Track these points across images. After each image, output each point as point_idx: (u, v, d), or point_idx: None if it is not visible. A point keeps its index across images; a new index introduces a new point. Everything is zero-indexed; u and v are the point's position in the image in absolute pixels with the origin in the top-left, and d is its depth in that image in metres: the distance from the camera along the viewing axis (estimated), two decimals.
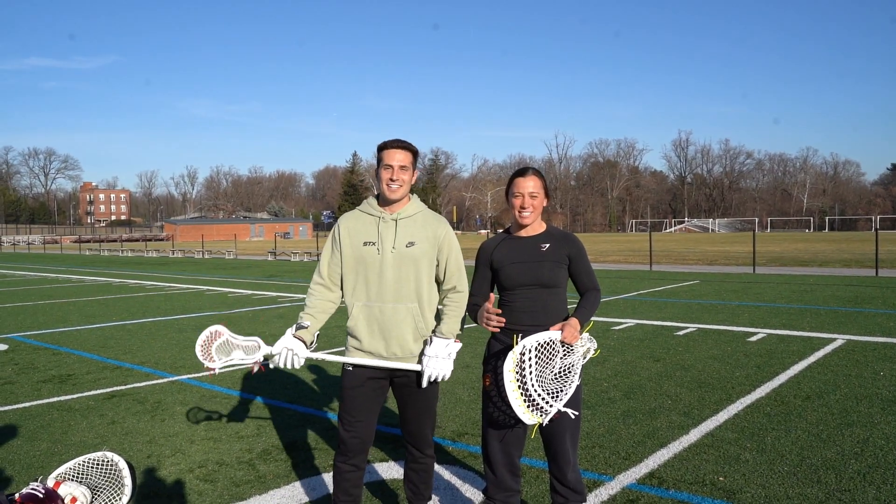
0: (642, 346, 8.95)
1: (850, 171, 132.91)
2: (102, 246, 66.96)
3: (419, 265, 3.30)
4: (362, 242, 3.32)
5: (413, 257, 3.28)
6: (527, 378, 3.02)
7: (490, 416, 3.36)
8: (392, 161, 3.27)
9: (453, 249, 3.38)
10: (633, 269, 24.83)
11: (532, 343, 3.07)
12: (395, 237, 3.29)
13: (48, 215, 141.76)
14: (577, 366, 3.14)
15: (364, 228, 3.35)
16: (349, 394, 3.35)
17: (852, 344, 8.77)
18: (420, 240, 3.31)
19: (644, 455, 4.77)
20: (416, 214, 3.37)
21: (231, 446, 5.13)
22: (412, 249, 3.29)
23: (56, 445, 5.22)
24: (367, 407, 3.36)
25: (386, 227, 3.31)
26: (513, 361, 3.03)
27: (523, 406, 3.00)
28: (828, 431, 5.18)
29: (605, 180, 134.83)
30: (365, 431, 3.35)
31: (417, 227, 3.33)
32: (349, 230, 3.37)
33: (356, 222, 3.39)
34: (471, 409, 6.02)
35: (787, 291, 15.66)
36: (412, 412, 3.43)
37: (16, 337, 10.71)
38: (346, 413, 3.35)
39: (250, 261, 37.53)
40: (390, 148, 3.30)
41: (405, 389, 3.40)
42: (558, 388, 3.08)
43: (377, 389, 3.38)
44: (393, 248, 3.28)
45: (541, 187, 3.34)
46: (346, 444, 3.33)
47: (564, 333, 3.10)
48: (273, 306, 14.52)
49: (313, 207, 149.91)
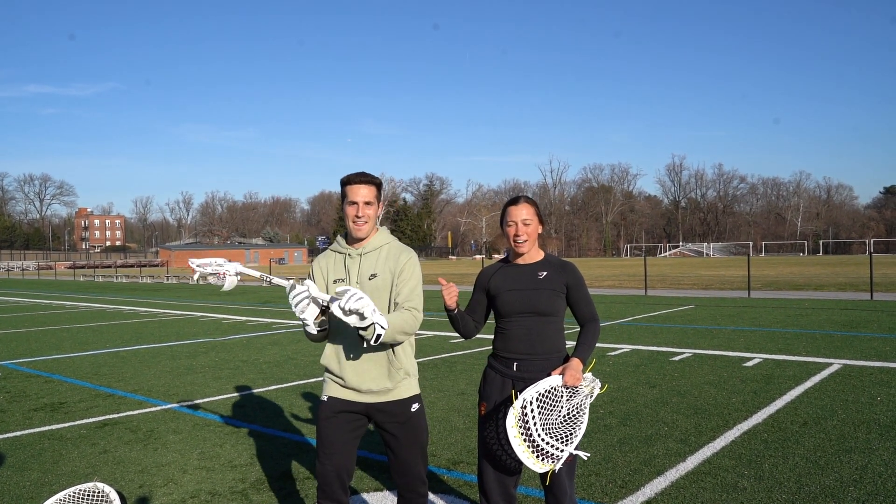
0: (638, 371, 8.92)
1: (843, 194, 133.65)
2: (97, 272, 66.75)
3: (381, 297, 3.26)
4: (333, 280, 3.35)
5: (376, 289, 3.25)
6: (531, 430, 2.98)
7: (486, 446, 3.33)
8: (356, 197, 3.25)
9: (413, 275, 3.26)
10: (628, 294, 24.82)
11: (532, 395, 3.03)
12: (358, 271, 3.29)
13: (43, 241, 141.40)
14: (584, 406, 3.11)
15: (334, 266, 3.38)
16: (322, 425, 3.32)
17: (848, 369, 8.76)
18: (382, 271, 3.28)
19: (641, 483, 4.73)
20: (381, 247, 3.34)
21: (224, 476, 5.07)
22: (375, 281, 3.26)
23: (47, 475, 5.15)
24: (339, 439, 3.27)
25: (352, 262, 3.32)
26: (514, 417, 2.99)
27: (532, 458, 2.97)
28: (826, 458, 5.15)
29: (600, 205, 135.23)
30: (340, 463, 3.25)
31: (381, 260, 3.31)
32: (322, 269, 3.42)
33: (327, 261, 3.43)
34: (466, 437, 5.97)
35: (782, 316, 15.66)
36: (401, 451, 3.31)
37: (8, 364, 10.62)
38: (322, 445, 3.30)
39: (245, 287, 37.42)
40: (354, 183, 3.25)
41: (386, 426, 3.30)
42: (568, 432, 3.05)
43: (350, 422, 3.30)
44: (357, 281, 3.28)
45: (534, 214, 3.35)
46: (324, 478, 3.26)
47: (566, 378, 3.08)
48: (267, 333, 14.46)
49: (308, 233, 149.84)
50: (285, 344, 12.45)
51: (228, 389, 8.28)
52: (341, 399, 3.30)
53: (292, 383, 8.60)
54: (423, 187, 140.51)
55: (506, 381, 3.33)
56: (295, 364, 10.11)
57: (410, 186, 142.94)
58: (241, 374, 9.32)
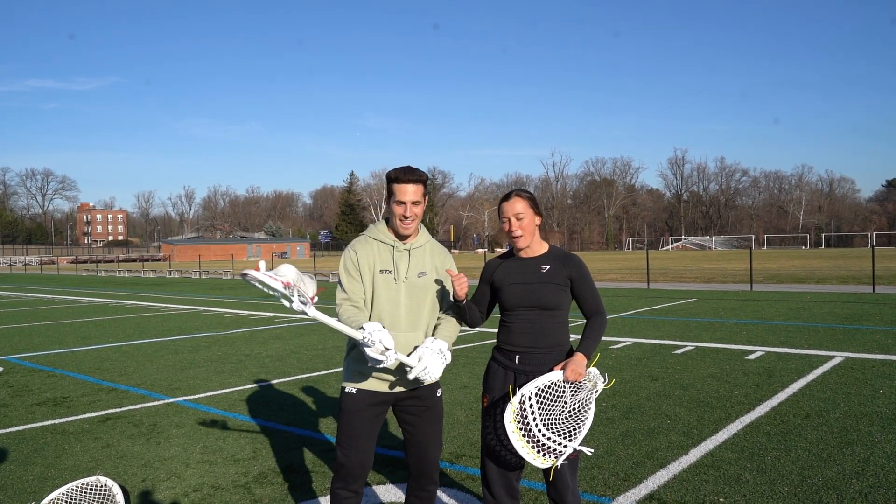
0: (640, 365, 8.91)
1: (845, 187, 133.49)
2: (99, 266, 66.86)
3: (427, 295, 3.33)
4: (379, 270, 3.29)
5: (424, 287, 3.31)
6: (531, 425, 2.97)
7: (488, 439, 3.33)
8: (405, 197, 3.22)
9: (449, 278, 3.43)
10: (631, 288, 24.81)
11: (530, 390, 3.03)
12: (408, 266, 3.30)
13: (45, 236, 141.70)
14: (589, 401, 3.11)
15: (379, 256, 3.31)
16: (349, 418, 3.29)
17: (851, 361, 8.75)
18: (429, 270, 3.35)
19: (643, 476, 4.73)
20: (425, 245, 3.40)
21: (227, 470, 5.08)
22: (423, 279, 3.32)
23: (50, 470, 5.16)
24: (366, 432, 3.30)
25: (400, 257, 3.31)
26: (511, 413, 3.00)
27: (533, 453, 2.96)
28: (828, 451, 5.15)
29: (602, 198, 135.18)
30: (364, 456, 3.30)
31: (427, 258, 3.36)
32: (366, 257, 3.31)
33: (370, 249, 3.33)
34: (468, 430, 5.97)
35: (784, 309, 15.65)
36: (417, 437, 3.38)
37: (11, 359, 10.64)
38: (346, 437, 3.29)
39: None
40: (402, 182, 3.22)
41: (408, 412, 3.36)
42: (572, 427, 3.04)
43: (377, 415, 3.33)
44: (405, 277, 3.28)
45: (527, 207, 3.31)
46: (346, 470, 3.28)
47: (566, 373, 3.07)
48: (270, 327, 14.47)
49: (310, 227, 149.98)
50: (288, 338, 12.46)
51: (231, 384, 8.29)
52: (371, 391, 3.29)
53: (295, 377, 8.60)
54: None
55: (508, 373, 3.33)
56: (297, 358, 10.12)
57: None
58: (244, 369, 9.33)
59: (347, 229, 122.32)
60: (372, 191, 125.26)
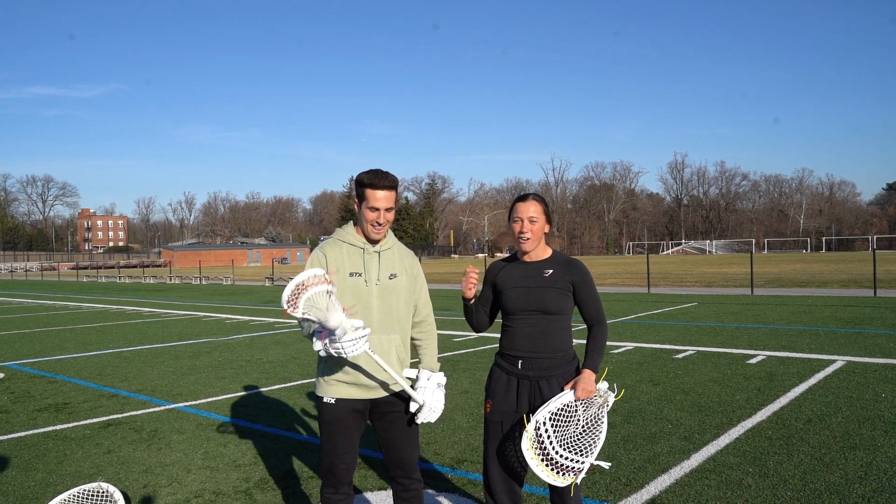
0: (641, 369, 8.91)
1: (845, 191, 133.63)
2: (100, 272, 66.83)
3: (400, 297, 3.33)
4: (348, 273, 3.26)
5: (395, 289, 3.31)
6: (548, 449, 2.99)
7: (491, 444, 3.33)
8: (378, 204, 3.20)
9: (424, 282, 3.52)
10: (631, 292, 24.80)
11: (544, 416, 3.03)
12: (378, 269, 3.29)
13: (46, 242, 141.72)
14: (601, 416, 3.11)
15: (348, 259, 3.28)
16: (336, 427, 3.28)
17: (852, 365, 8.74)
18: (399, 272, 3.35)
19: (645, 481, 4.72)
20: (393, 247, 3.40)
21: (228, 475, 5.07)
22: (395, 281, 3.31)
23: (51, 476, 5.16)
24: (352, 437, 3.30)
25: (370, 259, 3.29)
26: (528, 440, 3.00)
27: (553, 474, 2.99)
28: (830, 455, 5.14)
29: (602, 203, 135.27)
30: (352, 460, 3.32)
31: (396, 260, 3.37)
32: (334, 259, 3.27)
33: (340, 252, 3.30)
34: (470, 435, 5.97)
35: (785, 313, 15.64)
36: (397, 440, 3.37)
37: (12, 365, 10.64)
38: (333, 445, 3.29)
39: (248, 286, 37.46)
40: (376, 188, 3.19)
41: (385, 417, 3.35)
42: (587, 443, 3.05)
43: (359, 422, 3.33)
44: (378, 280, 3.27)
45: (541, 212, 3.33)
46: (336, 475, 3.28)
47: (577, 392, 3.09)
48: (270, 332, 14.46)
49: (310, 232, 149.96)
50: (288, 343, 12.46)
51: (232, 389, 8.29)
52: (348, 399, 3.28)
53: (295, 382, 8.60)
54: (426, 186, 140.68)
55: (511, 378, 3.32)
56: (298, 363, 10.11)
57: (412, 185, 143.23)
58: (245, 374, 9.32)
59: None
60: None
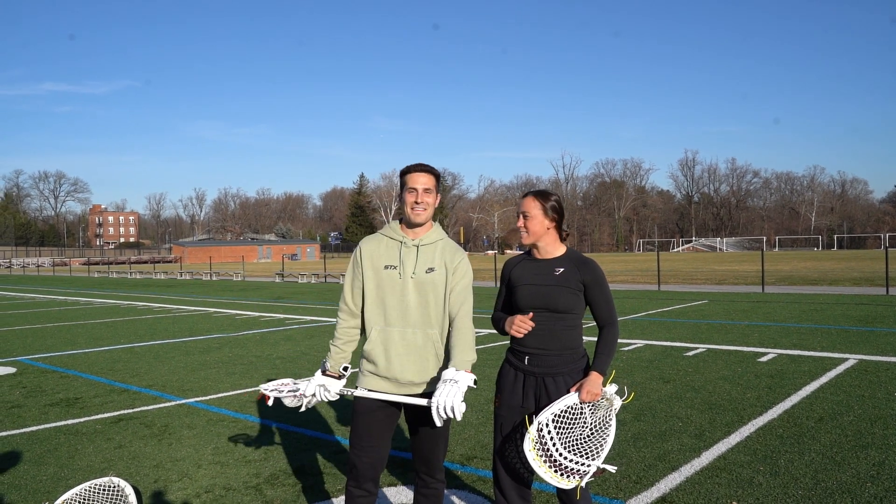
0: (652, 367, 8.88)
1: (857, 188, 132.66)
2: (111, 268, 67.20)
3: (438, 292, 3.28)
4: (383, 266, 3.30)
5: (432, 283, 3.27)
6: (552, 450, 2.97)
7: (501, 442, 3.33)
8: (416, 184, 3.26)
9: (465, 276, 3.32)
10: (641, 289, 24.73)
11: (547, 418, 3.02)
12: (415, 262, 3.28)
13: (58, 238, 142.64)
14: (609, 419, 3.09)
15: (385, 252, 3.33)
16: (361, 419, 3.30)
17: (864, 364, 8.68)
18: (439, 266, 3.30)
19: (655, 479, 4.71)
20: (437, 242, 3.36)
21: (238, 471, 5.09)
22: (432, 275, 3.28)
23: (63, 470, 5.19)
24: (379, 432, 3.30)
25: (407, 252, 3.29)
26: (531, 441, 2.99)
27: (557, 477, 2.96)
28: (842, 454, 5.11)
29: (612, 200, 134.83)
30: (377, 456, 3.30)
31: (437, 254, 3.32)
32: (370, 253, 3.34)
33: (378, 245, 3.36)
34: (480, 432, 5.97)
35: (796, 311, 15.56)
36: (425, 437, 3.36)
37: (24, 360, 10.71)
38: (358, 438, 3.29)
39: (258, 283, 37.58)
40: (413, 171, 3.29)
41: (418, 414, 3.35)
42: (594, 446, 3.03)
43: (390, 414, 3.33)
44: (413, 273, 3.26)
45: (537, 208, 3.31)
46: (358, 470, 3.28)
47: (582, 394, 3.07)
48: (281, 328, 14.50)
49: (321, 229, 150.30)
50: (299, 339, 12.49)
51: (242, 385, 8.32)
52: (381, 392, 3.28)
53: (306, 378, 8.60)
54: None
55: (518, 374, 3.33)
56: (308, 360, 10.14)
57: None
58: (255, 370, 9.35)
59: (357, 231, 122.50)
60: (381, 192, 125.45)
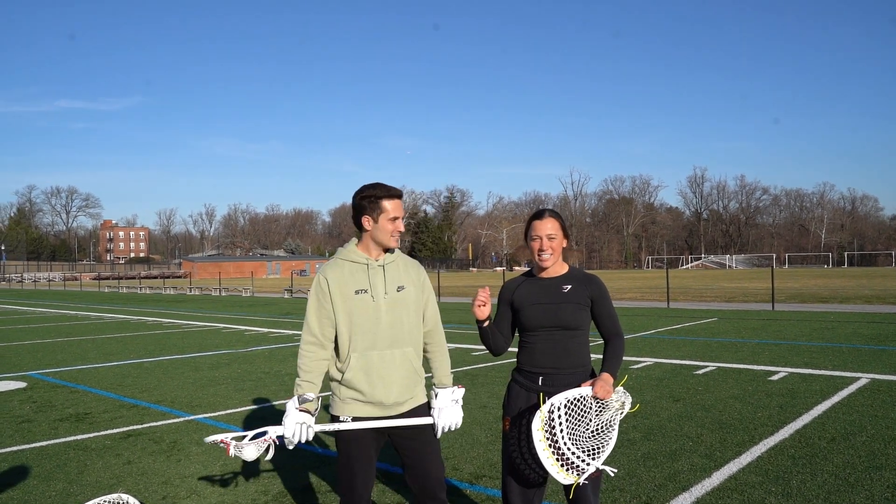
0: (661, 385, 8.83)
1: (868, 205, 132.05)
2: (121, 283, 67.48)
3: (409, 309, 3.30)
4: (353, 291, 3.23)
5: (404, 301, 3.28)
6: (557, 436, 2.95)
7: (510, 461, 3.30)
8: (398, 213, 3.28)
9: (432, 292, 3.47)
10: (650, 307, 24.64)
11: (560, 400, 3.00)
12: (384, 283, 3.27)
13: (69, 252, 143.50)
14: (614, 422, 3.08)
15: (351, 277, 3.26)
16: (347, 447, 3.24)
17: (877, 383, 8.61)
18: (406, 283, 3.32)
19: (665, 499, 4.67)
20: (397, 259, 3.38)
21: (247, 488, 5.08)
22: (403, 293, 3.29)
23: (72, 486, 5.19)
24: (367, 458, 3.26)
25: (375, 274, 3.27)
26: (541, 420, 2.96)
27: (556, 465, 2.93)
28: (856, 475, 5.06)
29: (621, 217, 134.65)
30: (367, 478, 3.26)
31: (401, 272, 3.34)
32: (337, 281, 3.25)
33: (341, 272, 3.27)
34: (488, 450, 5.94)
35: (807, 329, 15.46)
36: (418, 459, 3.29)
37: (34, 374, 10.75)
38: (348, 466, 3.24)
39: (267, 298, 37.64)
40: (393, 198, 3.28)
41: (408, 439, 3.28)
42: (596, 446, 3.01)
43: (377, 441, 3.30)
44: (385, 293, 3.26)
45: (558, 228, 3.33)
46: (353, 492, 3.23)
47: (596, 389, 3.04)
48: (289, 345, 14.51)
49: (329, 245, 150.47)
50: None
51: (251, 401, 8.31)
52: (366, 418, 3.24)
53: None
54: (444, 199, 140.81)
55: (531, 395, 3.30)
56: None
57: (431, 198, 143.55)
58: (264, 386, 9.35)
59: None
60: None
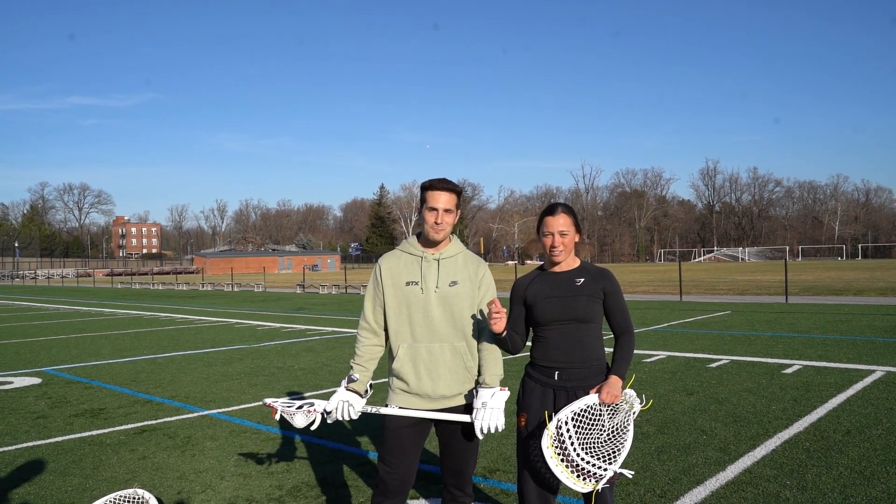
0: (675, 378, 8.80)
1: (882, 197, 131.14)
2: (134, 279, 67.90)
3: (462, 304, 3.30)
4: (405, 282, 3.30)
5: (457, 296, 3.29)
6: (569, 449, 2.95)
7: (525, 456, 3.30)
8: (437, 204, 3.27)
9: (490, 287, 3.41)
10: (663, 300, 24.55)
11: (566, 415, 3.00)
12: (437, 276, 3.29)
13: (82, 249, 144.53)
14: (627, 424, 3.07)
15: (406, 268, 3.33)
16: (392, 434, 3.28)
17: (892, 376, 8.54)
18: (462, 279, 3.33)
19: (680, 493, 4.65)
20: (457, 255, 3.39)
21: (261, 483, 5.10)
22: (455, 288, 3.30)
23: (88, 481, 5.23)
24: (409, 448, 3.29)
25: (428, 267, 3.31)
26: (549, 438, 2.97)
27: (573, 477, 2.94)
28: (871, 468, 5.02)
29: (633, 210, 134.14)
30: (406, 472, 3.28)
31: (459, 267, 3.35)
32: (390, 270, 3.35)
33: (397, 262, 3.37)
34: (502, 444, 5.94)
35: (821, 321, 15.36)
36: (457, 451, 3.35)
37: (49, 370, 10.83)
38: (388, 454, 3.27)
39: (279, 293, 37.77)
40: (436, 190, 3.29)
41: (450, 428, 3.34)
42: (612, 451, 3.01)
43: (420, 431, 3.32)
44: (437, 287, 3.28)
45: (571, 224, 3.31)
46: (387, 485, 3.26)
47: (602, 395, 3.05)
48: (302, 339, 14.56)
49: (341, 240, 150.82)
50: (320, 350, 12.52)
51: (264, 396, 8.34)
52: (414, 409, 3.28)
53: (327, 390, 8.63)
54: None
55: (546, 390, 3.29)
56: (330, 371, 10.16)
57: None
58: (277, 381, 9.39)
59: (378, 242, 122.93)
60: (402, 203, 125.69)
